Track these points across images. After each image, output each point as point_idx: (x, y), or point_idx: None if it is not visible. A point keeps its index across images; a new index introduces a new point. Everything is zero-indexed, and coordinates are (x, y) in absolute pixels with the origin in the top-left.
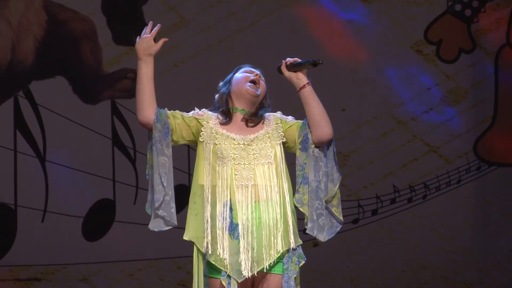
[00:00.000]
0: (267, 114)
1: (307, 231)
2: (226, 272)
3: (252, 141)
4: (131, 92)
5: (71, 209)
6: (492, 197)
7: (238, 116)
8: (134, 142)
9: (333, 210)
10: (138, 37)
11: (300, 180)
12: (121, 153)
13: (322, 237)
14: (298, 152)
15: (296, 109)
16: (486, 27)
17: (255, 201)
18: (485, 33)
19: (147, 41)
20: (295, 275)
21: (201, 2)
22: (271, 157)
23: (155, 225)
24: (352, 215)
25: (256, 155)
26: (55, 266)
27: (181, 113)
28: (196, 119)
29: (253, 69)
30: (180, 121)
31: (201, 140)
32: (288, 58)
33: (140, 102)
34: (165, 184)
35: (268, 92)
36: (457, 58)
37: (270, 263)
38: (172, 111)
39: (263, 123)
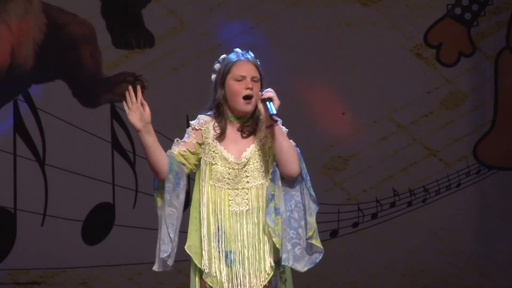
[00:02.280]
0: (262, 117)
1: (282, 262)
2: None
3: (245, 164)
4: None
5: (71, 213)
6: (492, 200)
7: (234, 125)
8: (134, 146)
9: (313, 242)
10: (126, 108)
11: (260, 209)
12: (120, 157)
13: (301, 266)
14: (268, 182)
15: (296, 109)
16: (486, 31)
17: (247, 227)
18: (485, 37)
19: (139, 110)
20: (281, 282)
21: (200, 6)
22: (263, 176)
23: (160, 268)
24: (352, 218)
25: (250, 177)
26: (54, 270)
27: (186, 145)
28: (198, 144)
29: (245, 69)
30: (190, 160)
31: (200, 156)
32: (268, 91)
33: (154, 167)
34: (171, 236)
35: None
36: (457, 61)
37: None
38: (178, 147)
39: (254, 135)
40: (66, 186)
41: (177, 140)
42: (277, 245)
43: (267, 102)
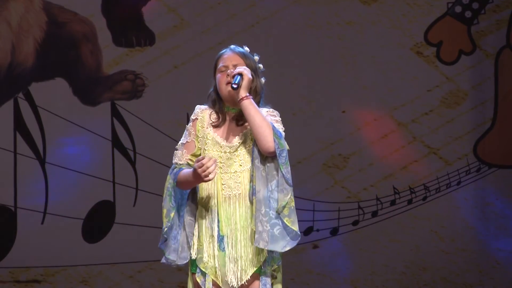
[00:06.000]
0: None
1: (254, 243)
2: (201, 270)
3: (237, 147)
4: (131, 94)
5: (71, 211)
6: (492, 199)
7: (229, 114)
8: (134, 144)
9: (284, 220)
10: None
11: (251, 191)
12: (121, 155)
13: (279, 247)
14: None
15: (297, 107)
16: (486, 29)
17: (240, 210)
18: (485, 35)
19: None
20: (272, 280)
21: (201, 4)
22: (253, 159)
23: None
24: (352, 216)
25: (242, 161)
26: (55, 268)
27: (189, 151)
28: (197, 137)
29: (227, 59)
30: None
31: (198, 141)
32: (241, 67)
33: (184, 189)
34: (191, 244)
35: (266, 92)
36: (457, 59)
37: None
38: (183, 156)
39: None
40: (66, 184)
41: (181, 146)
42: (252, 228)
43: (236, 76)
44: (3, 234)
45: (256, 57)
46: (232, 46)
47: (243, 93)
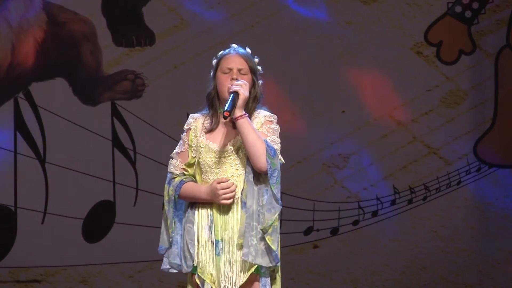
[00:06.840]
0: (256, 112)
1: (242, 257)
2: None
3: (232, 151)
4: (131, 94)
5: (71, 211)
6: (492, 198)
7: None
8: (134, 144)
9: (266, 239)
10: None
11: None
12: (121, 155)
13: (266, 262)
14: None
15: (297, 107)
16: (486, 29)
17: (237, 215)
18: (485, 35)
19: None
20: (271, 280)
21: (201, 4)
22: (246, 174)
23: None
24: (352, 216)
25: (238, 165)
26: (55, 268)
27: (183, 160)
28: (190, 147)
29: (232, 61)
30: (191, 170)
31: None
32: (237, 84)
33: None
34: (192, 252)
35: (266, 93)
36: (457, 59)
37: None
38: (178, 165)
39: None
40: (66, 184)
41: (175, 155)
42: (239, 241)
43: (231, 95)
44: (3, 234)
45: (256, 60)
46: (235, 46)
47: (238, 112)
